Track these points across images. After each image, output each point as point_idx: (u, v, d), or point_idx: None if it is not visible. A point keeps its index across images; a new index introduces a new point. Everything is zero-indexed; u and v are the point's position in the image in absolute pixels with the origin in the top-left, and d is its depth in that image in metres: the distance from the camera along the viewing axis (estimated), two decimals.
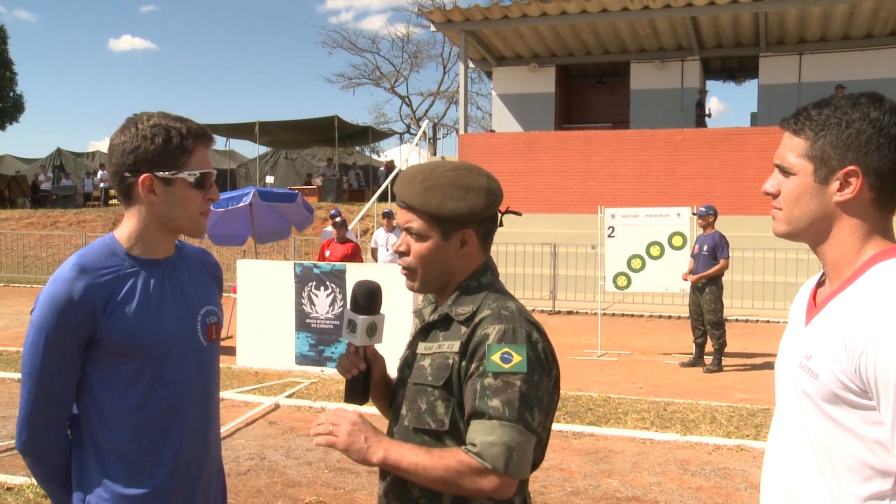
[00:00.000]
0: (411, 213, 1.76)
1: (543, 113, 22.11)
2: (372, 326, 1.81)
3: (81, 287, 1.77)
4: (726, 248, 9.23)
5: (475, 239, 1.78)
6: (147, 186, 1.82)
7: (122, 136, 1.83)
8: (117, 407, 1.83)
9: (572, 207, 17.91)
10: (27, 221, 22.83)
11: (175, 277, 1.94)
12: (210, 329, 1.97)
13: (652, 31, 20.11)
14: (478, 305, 1.74)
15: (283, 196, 11.42)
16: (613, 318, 13.77)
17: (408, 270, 1.80)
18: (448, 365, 1.70)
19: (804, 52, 20.04)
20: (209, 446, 1.98)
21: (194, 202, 1.88)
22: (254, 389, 7.73)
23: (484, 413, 1.61)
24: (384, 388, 1.93)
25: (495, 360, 1.63)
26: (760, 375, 8.95)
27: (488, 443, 1.59)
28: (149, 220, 1.87)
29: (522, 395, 1.62)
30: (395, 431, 1.81)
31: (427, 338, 1.80)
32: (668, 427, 6.47)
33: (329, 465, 5.50)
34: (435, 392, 1.71)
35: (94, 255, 1.84)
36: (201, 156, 1.88)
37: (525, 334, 1.67)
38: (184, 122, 1.86)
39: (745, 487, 5.13)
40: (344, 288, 8.53)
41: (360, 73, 40.49)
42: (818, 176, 1.51)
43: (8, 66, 31.13)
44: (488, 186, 1.77)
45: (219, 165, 29.46)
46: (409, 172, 1.80)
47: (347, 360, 1.83)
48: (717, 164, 17.62)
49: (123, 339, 1.80)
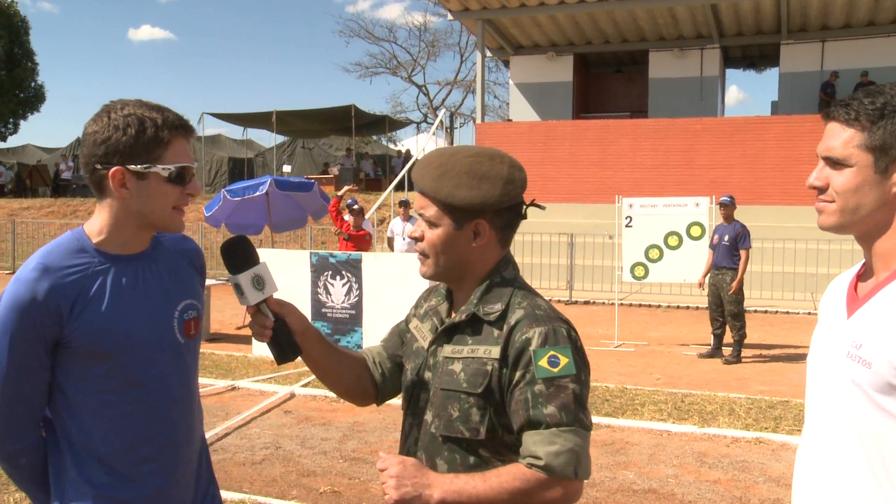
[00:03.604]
0: (426, 198, 1.70)
1: (561, 102, 21.95)
2: (257, 279, 1.69)
3: (45, 288, 1.68)
4: (748, 239, 9.12)
5: (489, 231, 1.68)
6: (118, 180, 1.71)
7: (94, 126, 1.72)
8: (91, 410, 1.75)
9: (590, 197, 17.80)
10: (48, 210, 23.03)
11: (150, 273, 1.83)
12: (188, 325, 1.87)
13: (671, 19, 19.90)
14: (506, 304, 1.67)
15: (299, 185, 11.41)
16: (630, 308, 13.70)
17: (422, 256, 1.75)
18: (486, 372, 1.63)
19: (827, 38, 19.74)
20: (193, 443, 1.92)
21: (169, 197, 1.75)
22: (269, 378, 7.75)
23: (541, 422, 1.55)
24: (316, 338, 1.79)
25: (543, 366, 1.57)
26: (780, 367, 8.86)
27: (553, 453, 1.53)
28: (121, 215, 1.76)
29: (576, 396, 1.57)
30: (420, 438, 1.73)
31: (452, 340, 1.71)
32: (685, 419, 6.42)
33: (344, 454, 5.50)
34: (470, 399, 1.63)
35: (59, 253, 1.74)
36: (179, 148, 1.75)
37: (566, 334, 1.62)
38: (161, 111, 1.74)
39: (764, 480, 5.07)
40: (360, 277, 8.52)
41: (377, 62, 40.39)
42: (878, 167, 1.46)
43: (30, 56, 31.34)
44: (508, 176, 1.67)
45: (236, 155, 29.57)
46: (428, 157, 1.74)
47: (255, 324, 1.71)
48: (736, 153, 17.45)
49: (93, 341, 1.72)
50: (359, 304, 8.56)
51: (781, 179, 16.98)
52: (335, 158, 29.14)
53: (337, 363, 1.85)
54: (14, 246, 19.72)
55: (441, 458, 1.68)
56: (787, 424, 6.22)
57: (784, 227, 15.55)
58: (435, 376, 1.72)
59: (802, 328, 11.72)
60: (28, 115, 32.07)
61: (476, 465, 1.64)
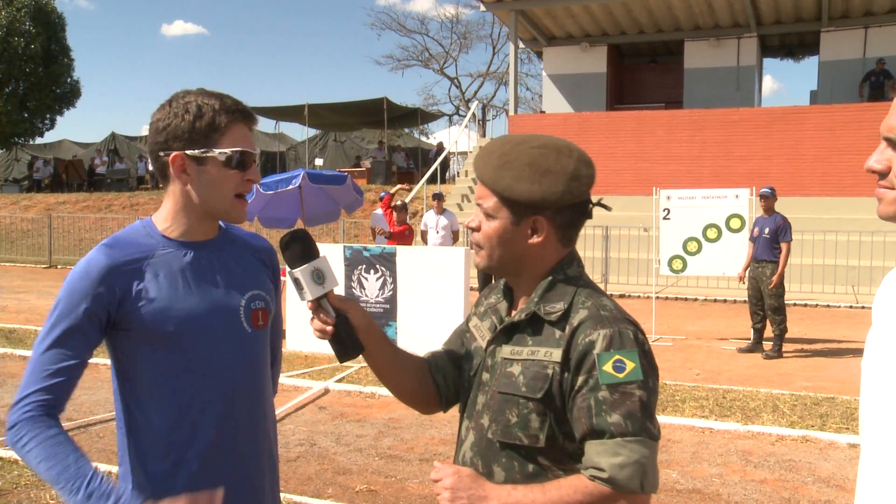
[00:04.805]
0: (484, 188, 1.60)
1: (595, 93, 21.72)
2: (316, 273, 1.63)
3: (105, 264, 1.68)
4: (789, 231, 8.88)
5: (548, 228, 1.58)
6: (178, 166, 1.72)
7: (157, 114, 1.75)
8: (154, 396, 1.73)
9: (625, 189, 17.56)
10: (83, 205, 23.30)
11: (216, 260, 1.82)
12: (255, 315, 1.84)
13: (707, 8, 19.55)
14: (569, 303, 1.56)
15: (332, 178, 11.35)
16: (667, 302, 13.47)
17: (476, 247, 1.65)
18: (547, 375, 1.52)
19: (870, 25, 19.23)
20: (260, 436, 1.87)
21: (229, 183, 1.75)
22: (303, 374, 7.71)
23: (604, 431, 1.45)
24: (380, 336, 1.70)
25: (608, 371, 1.47)
26: (822, 362, 8.64)
27: (617, 465, 1.43)
28: (183, 202, 1.77)
29: (643, 404, 1.47)
30: (476, 443, 1.63)
31: (511, 340, 1.60)
32: (727, 416, 6.26)
33: (380, 452, 5.43)
34: (529, 404, 1.53)
35: (125, 236, 1.76)
36: (238, 133, 1.75)
37: (632, 336, 1.51)
38: (220, 98, 1.75)
39: (813, 481, 4.91)
40: (394, 271, 8.45)
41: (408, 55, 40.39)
42: None
43: (66, 52, 31.67)
44: (574, 172, 1.57)
45: (268, 148, 29.68)
46: (491, 145, 1.63)
47: (317, 321, 1.65)
48: (774, 144, 17.11)
49: (151, 323, 1.70)
50: (393, 297, 8.49)
51: (821, 170, 16.62)
52: (367, 151, 29.12)
53: (401, 365, 1.76)
54: (51, 241, 19.96)
55: (498, 464, 1.58)
56: (833, 422, 6.04)
57: (824, 218, 15.22)
58: (493, 378, 1.61)
59: (843, 322, 11.46)
60: (64, 110, 32.45)
61: (535, 474, 1.54)
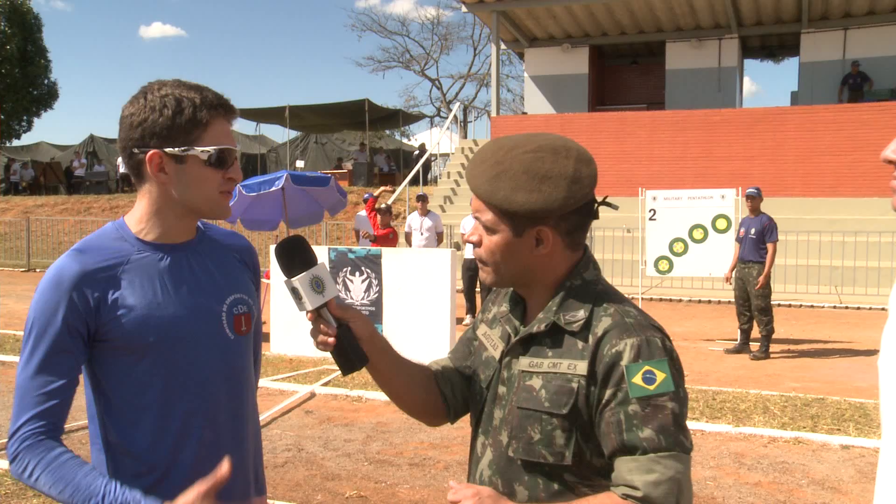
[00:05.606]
0: (480, 201, 1.49)
1: (577, 94, 21.72)
2: (316, 281, 1.53)
3: (77, 271, 1.56)
4: (775, 232, 8.87)
5: (553, 237, 1.47)
6: (156, 164, 1.60)
7: (130, 108, 1.62)
8: (133, 410, 1.62)
9: (607, 190, 17.34)
10: (62, 207, 22.98)
11: (195, 263, 1.70)
12: (238, 320, 1.72)
13: (689, 9, 19.61)
14: (590, 310, 1.46)
15: (316, 180, 11.21)
16: (651, 303, 13.46)
17: (481, 262, 1.54)
18: (572, 390, 1.42)
19: (850, 26, 19.36)
20: (244, 448, 1.77)
21: (211, 182, 1.63)
22: (289, 377, 7.59)
23: (636, 447, 1.36)
24: (383, 346, 1.60)
25: (637, 383, 1.37)
26: (809, 363, 8.63)
27: (652, 482, 1.34)
28: (161, 202, 1.65)
29: (675, 416, 1.38)
30: (495, 461, 1.53)
31: (528, 351, 1.50)
32: (718, 417, 6.21)
33: (369, 456, 5.33)
34: (553, 420, 1.43)
35: (97, 240, 1.64)
36: (219, 130, 1.63)
37: (660, 344, 1.41)
38: (200, 91, 1.62)
39: (808, 483, 4.87)
40: (380, 273, 8.35)
41: (389, 56, 40.34)
42: None
43: (42, 53, 31.33)
44: (574, 174, 1.44)
45: (249, 150, 29.43)
46: (483, 152, 1.51)
47: (316, 332, 1.54)
48: (756, 145, 17.17)
49: (129, 333, 1.58)
50: (379, 299, 8.38)
51: (803, 171, 16.71)
52: (348, 153, 28.97)
53: (407, 375, 1.65)
54: (29, 244, 19.65)
55: (521, 483, 1.48)
56: (825, 423, 6.00)
57: (805, 219, 15.29)
58: (510, 392, 1.51)
59: (828, 322, 11.50)
60: (41, 112, 32.09)
61: (560, 493, 1.45)
